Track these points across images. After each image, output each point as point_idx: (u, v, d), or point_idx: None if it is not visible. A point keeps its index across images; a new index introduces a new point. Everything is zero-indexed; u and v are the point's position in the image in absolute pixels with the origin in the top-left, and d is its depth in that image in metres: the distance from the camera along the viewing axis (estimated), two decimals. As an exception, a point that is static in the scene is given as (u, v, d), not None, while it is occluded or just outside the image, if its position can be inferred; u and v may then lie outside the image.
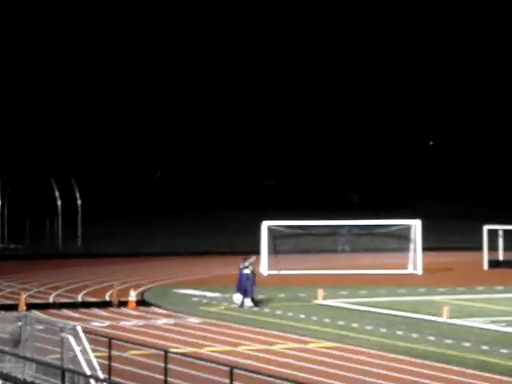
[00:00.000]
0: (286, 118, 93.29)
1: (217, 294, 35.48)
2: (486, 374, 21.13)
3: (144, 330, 27.40)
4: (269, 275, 42.77)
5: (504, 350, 24.08)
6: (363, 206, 79.37)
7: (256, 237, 45.10)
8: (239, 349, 24.30)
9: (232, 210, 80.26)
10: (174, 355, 19.12)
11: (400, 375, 21.02)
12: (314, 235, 48.18)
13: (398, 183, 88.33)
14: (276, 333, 26.81)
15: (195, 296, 35.15)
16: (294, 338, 25.89)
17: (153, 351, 20.29)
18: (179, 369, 19.75)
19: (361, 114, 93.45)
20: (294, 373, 20.92)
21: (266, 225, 44.16)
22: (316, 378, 20.41)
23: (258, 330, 27.36)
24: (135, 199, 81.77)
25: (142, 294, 35.44)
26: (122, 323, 28.63)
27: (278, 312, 30.86)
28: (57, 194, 57.82)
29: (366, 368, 21.84)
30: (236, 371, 16.26)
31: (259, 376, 17.47)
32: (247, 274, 32.06)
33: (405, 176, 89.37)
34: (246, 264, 32.46)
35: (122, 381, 19.02)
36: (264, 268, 43.57)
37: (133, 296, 32.65)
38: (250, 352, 23.82)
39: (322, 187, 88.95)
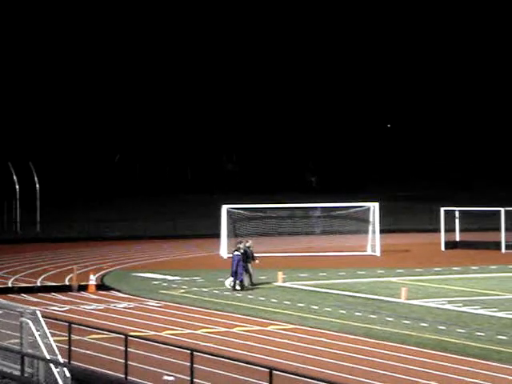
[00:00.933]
0: (246, 101, 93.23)
1: (177, 278, 35.54)
2: (443, 354, 21.46)
3: (104, 313, 27.37)
4: (229, 258, 42.88)
5: (460, 330, 24.46)
6: (322, 189, 79.78)
7: (216, 220, 45.19)
8: (199, 331, 24.40)
9: (192, 194, 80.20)
10: (135, 339, 19.17)
11: (359, 356, 21.27)
12: (273, 218, 48.40)
13: (356, 166, 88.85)
14: (236, 315, 26.95)
15: (155, 279, 35.16)
16: (254, 321, 26.04)
17: (113, 335, 20.31)
18: (140, 352, 19.80)
19: (319, 98, 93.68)
20: (254, 355, 21.07)
21: (225, 208, 44.25)
22: (276, 359, 20.58)
23: (218, 312, 27.48)
24: (94, 183, 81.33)
25: (101, 277, 35.37)
26: (81, 307, 28.58)
27: (238, 295, 31.00)
28: (15, 178, 57.30)
29: (325, 349, 22.06)
30: (196, 354, 16.36)
31: (219, 359, 17.58)
32: (237, 256, 32.21)
33: (363, 159, 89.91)
34: (238, 247, 32.59)
35: (82, 365, 19.03)
36: (224, 251, 43.70)
37: (92, 280, 32.58)
38: (211, 335, 23.93)
39: (281, 171, 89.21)
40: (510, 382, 18.81)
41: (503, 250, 45.52)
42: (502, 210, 46.06)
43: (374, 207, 44.72)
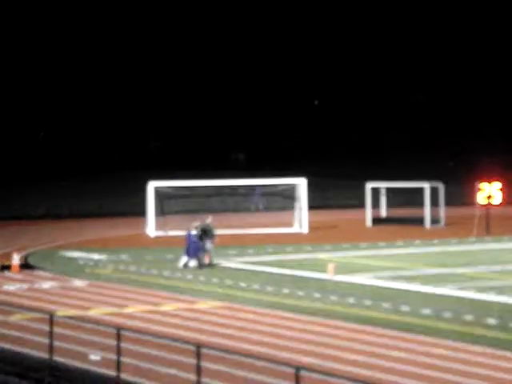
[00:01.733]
0: (172, 79, 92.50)
1: (103, 257, 35.17)
2: (370, 328, 21.67)
3: (29, 293, 26.92)
4: (156, 236, 42.65)
5: (386, 305, 24.73)
6: (250, 166, 79.84)
7: (143, 198, 44.82)
8: (126, 310, 24.18)
9: (118, 172, 79.44)
10: (60, 318, 18.88)
11: (287, 332, 21.33)
12: (201, 195, 48.20)
13: (284, 143, 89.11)
14: (164, 294, 26.79)
15: (81, 259, 34.74)
16: (181, 299, 25.92)
17: (38, 315, 19.98)
18: (65, 332, 19.51)
19: (247, 75, 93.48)
20: (182, 333, 20.97)
21: (152, 186, 43.89)
22: (204, 337, 20.50)
23: (146, 291, 27.27)
24: (18, 162, 79.89)
25: (25, 257, 34.78)
26: (5, 287, 28.06)
27: (166, 273, 30.81)
28: None
29: (253, 326, 22.07)
30: (123, 333, 16.19)
31: (147, 337, 17.43)
32: (192, 235, 31.83)
33: (291, 136, 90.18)
34: (194, 225, 32.19)
35: (7, 346, 18.68)
36: (151, 229, 43.40)
37: (16, 259, 32.00)
38: (138, 313, 23.73)
39: (208, 148, 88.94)
40: (434, 354, 19.09)
41: (427, 225, 46.20)
42: (427, 185, 46.68)
43: (301, 184, 44.86)
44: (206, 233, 32.28)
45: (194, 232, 32.04)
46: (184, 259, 31.94)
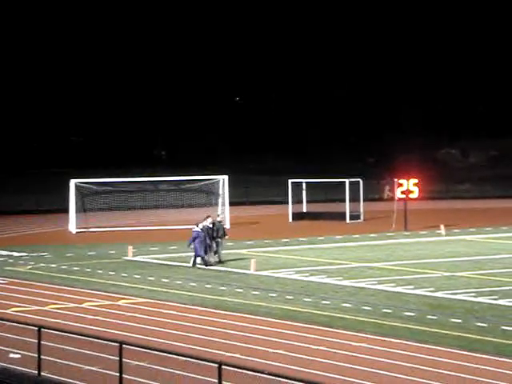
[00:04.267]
0: (94, 74, 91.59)
1: (23, 254, 34.76)
2: (291, 323, 21.95)
3: None
4: (78, 233, 42.32)
5: (307, 299, 25.07)
6: (172, 163, 79.67)
7: (64, 195, 44.41)
8: (47, 308, 23.99)
9: (40, 168, 78.37)
10: (-21, 317, 18.65)
11: (210, 328, 21.47)
12: (123, 192, 47.97)
13: (206, 139, 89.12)
14: (85, 290, 26.65)
15: (1, 256, 34.27)
16: (103, 295, 25.83)
17: (-44, 314, 19.67)
18: (-15, 331, 19.31)
19: (167, 72, 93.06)
20: (105, 330, 20.92)
21: (73, 183, 43.51)
22: (127, 334, 20.50)
23: (67, 288, 27.09)
24: None
25: None
26: None
27: (88, 270, 30.64)
28: None
29: (176, 322, 22.15)
30: (44, 330, 16.10)
31: (69, 335, 17.36)
32: (196, 232, 31.21)
33: (213, 132, 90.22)
34: (197, 223, 31.53)
35: None
36: (72, 226, 43.05)
37: None
38: (59, 311, 23.57)
39: (130, 144, 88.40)
40: (354, 347, 19.47)
41: (348, 220, 46.83)
42: (347, 181, 47.29)
43: (224, 180, 45.01)
44: (216, 231, 31.69)
45: (196, 230, 31.36)
46: (193, 257, 31.30)
